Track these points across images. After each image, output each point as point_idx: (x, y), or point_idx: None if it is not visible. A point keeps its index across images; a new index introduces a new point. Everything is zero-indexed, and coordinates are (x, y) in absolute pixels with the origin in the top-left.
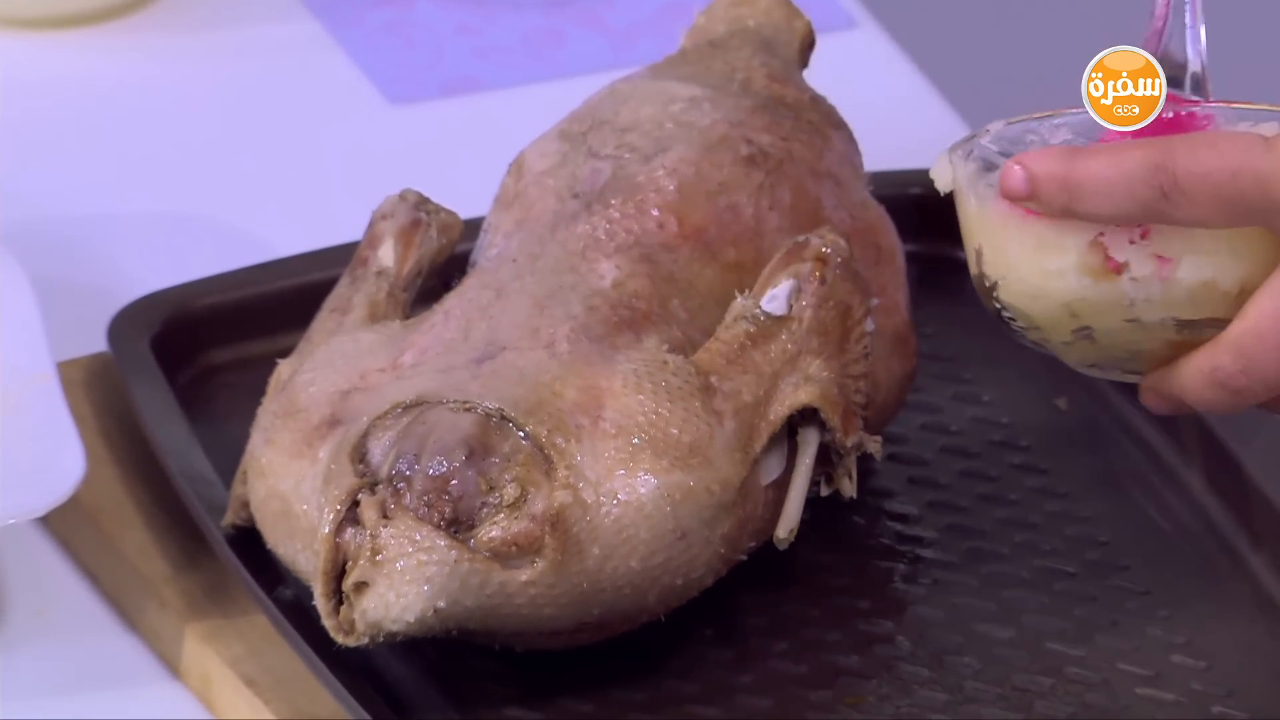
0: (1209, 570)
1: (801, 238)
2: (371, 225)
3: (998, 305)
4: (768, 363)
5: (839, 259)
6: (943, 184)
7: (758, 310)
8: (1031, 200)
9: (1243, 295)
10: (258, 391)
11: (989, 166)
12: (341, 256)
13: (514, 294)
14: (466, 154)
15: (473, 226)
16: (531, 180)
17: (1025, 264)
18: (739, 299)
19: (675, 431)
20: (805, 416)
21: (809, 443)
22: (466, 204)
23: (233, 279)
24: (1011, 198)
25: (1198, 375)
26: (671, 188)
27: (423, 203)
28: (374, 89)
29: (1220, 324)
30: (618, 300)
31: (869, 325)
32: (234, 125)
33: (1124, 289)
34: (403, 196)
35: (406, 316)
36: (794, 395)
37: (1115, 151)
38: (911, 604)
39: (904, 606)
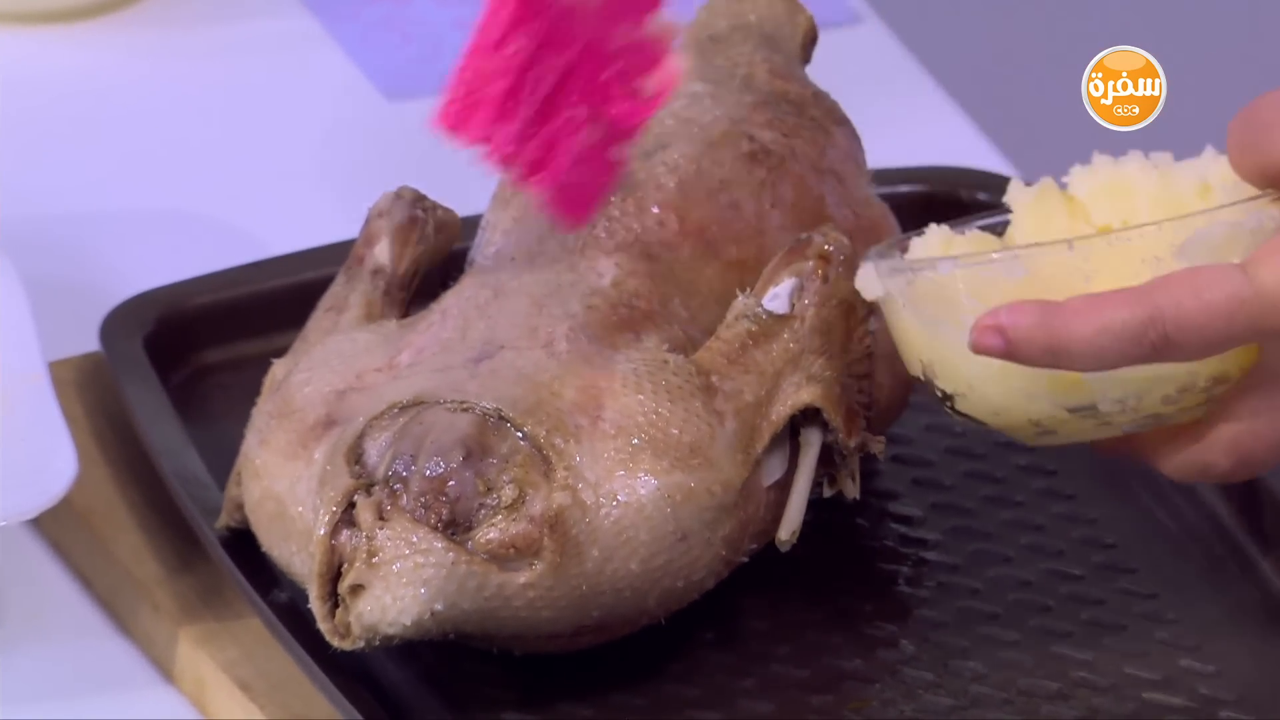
0: (1218, 573)
1: (804, 235)
2: (368, 223)
3: (950, 410)
4: (769, 362)
5: (842, 256)
6: (870, 294)
7: (759, 309)
8: (1009, 359)
9: (1216, 385)
10: (252, 392)
11: (919, 277)
12: (337, 255)
13: (512, 293)
14: (464, 151)
15: (470, 224)
16: None
17: (989, 385)
18: (740, 297)
19: (676, 432)
20: (808, 417)
21: (811, 443)
22: (464, 201)
23: (227, 277)
24: (986, 354)
25: (1185, 466)
26: (672, 185)
27: (420, 200)
28: (370, 85)
29: (1191, 409)
30: (617, 299)
31: (872, 324)
32: (228, 122)
33: (1099, 408)
34: (399, 194)
35: (403, 316)
36: (796, 395)
37: (1097, 310)
38: (916, 607)
39: (908, 609)
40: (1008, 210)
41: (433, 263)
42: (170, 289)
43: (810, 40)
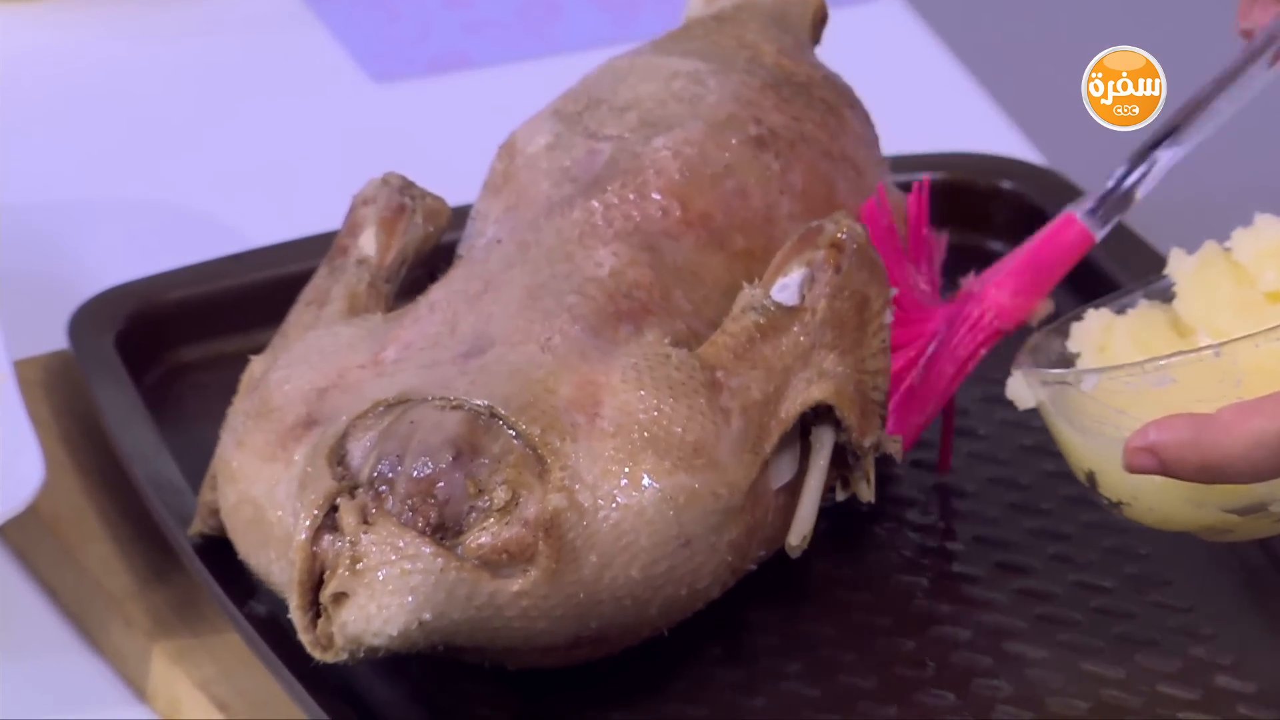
0: (1256, 586)
1: (815, 223)
2: (352, 211)
3: (1119, 515)
4: (778, 357)
5: (855, 245)
6: (1023, 403)
7: (767, 301)
8: (1165, 476)
9: None
10: (229, 391)
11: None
12: (319, 246)
13: (504, 285)
14: (454, 135)
15: (461, 213)
16: (523, 163)
17: (1152, 496)
18: (747, 289)
19: (678, 430)
20: (819, 415)
21: (823, 443)
22: (454, 189)
23: (203, 271)
24: (1140, 473)
25: None
26: (674, 170)
27: (407, 187)
28: (356, 66)
29: None
30: (616, 290)
31: (888, 317)
32: (205, 106)
33: (1270, 509)
34: (386, 180)
35: (389, 309)
36: (807, 392)
37: (1248, 421)
38: (936, 622)
39: (928, 624)
40: (1168, 279)
41: (420, 253)
42: (143, 283)
43: (821, 20)
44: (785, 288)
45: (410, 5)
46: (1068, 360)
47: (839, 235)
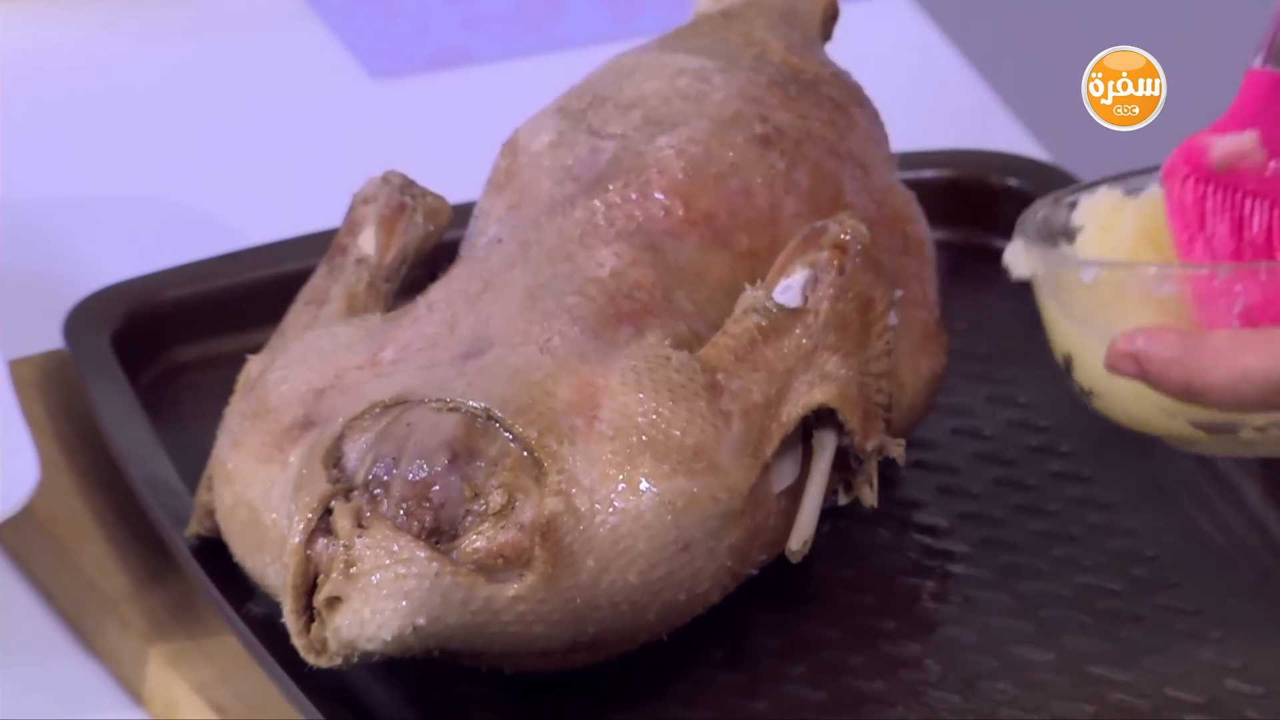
0: (1266, 588)
1: (819, 224)
2: (351, 210)
3: (1086, 403)
4: (780, 359)
5: (859, 246)
6: (1017, 271)
7: (770, 302)
8: (1145, 384)
9: None
10: (226, 391)
11: (1065, 273)
12: (318, 244)
13: (505, 285)
14: (455, 133)
15: (462, 212)
16: (526, 161)
17: (1126, 394)
18: (749, 290)
19: (678, 433)
20: (821, 418)
21: (825, 446)
22: (455, 187)
23: (200, 269)
24: (1121, 375)
25: None
26: (678, 169)
27: (408, 186)
28: (355, 62)
29: None
30: (617, 291)
31: (892, 319)
32: (202, 103)
33: (1240, 434)
34: (386, 179)
35: (388, 309)
36: (809, 395)
37: (1240, 354)
38: (941, 624)
39: (933, 627)
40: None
41: (421, 252)
42: (140, 282)
43: (831, 16)
44: (788, 289)
45: (410, 1)
46: (1070, 234)
47: (843, 236)
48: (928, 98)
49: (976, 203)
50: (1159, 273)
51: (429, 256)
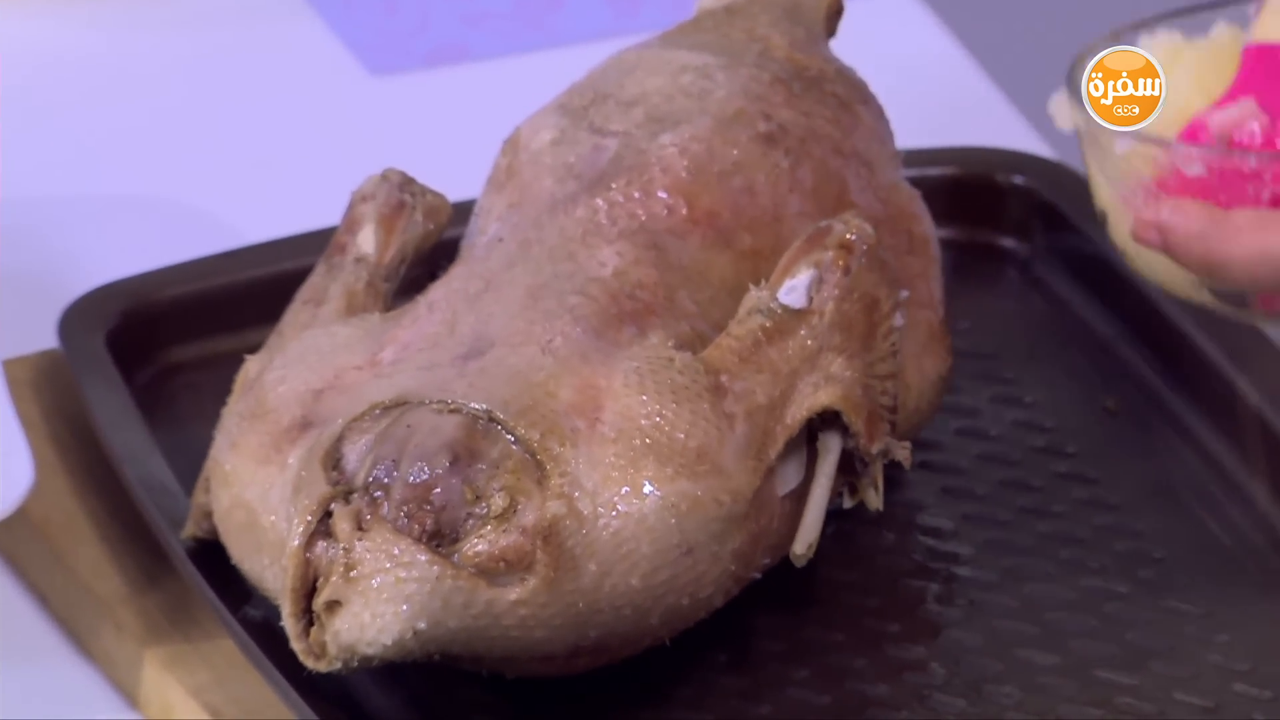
0: (1274, 590)
1: (824, 223)
2: (350, 208)
3: (1123, 258)
4: (785, 361)
5: (864, 246)
6: (1062, 123)
7: (774, 303)
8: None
9: None
10: (223, 392)
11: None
12: (317, 243)
13: (505, 284)
14: (455, 130)
15: (462, 210)
16: (527, 159)
17: (1155, 260)
18: (754, 290)
19: (681, 436)
20: (826, 420)
21: (830, 449)
22: (455, 185)
23: (197, 268)
24: (1144, 245)
25: None
26: (681, 167)
27: (407, 184)
28: (353, 58)
29: None
30: (619, 291)
31: (898, 320)
32: (198, 100)
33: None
34: (385, 177)
35: (387, 309)
36: (814, 397)
37: (1263, 234)
38: (946, 627)
39: (938, 630)
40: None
41: (420, 251)
42: (135, 280)
43: (835, 12)
44: (792, 289)
45: None
46: None
47: (848, 236)
48: (932, 94)
49: (982, 201)
50: (1190, 152)
51: (429, 255)
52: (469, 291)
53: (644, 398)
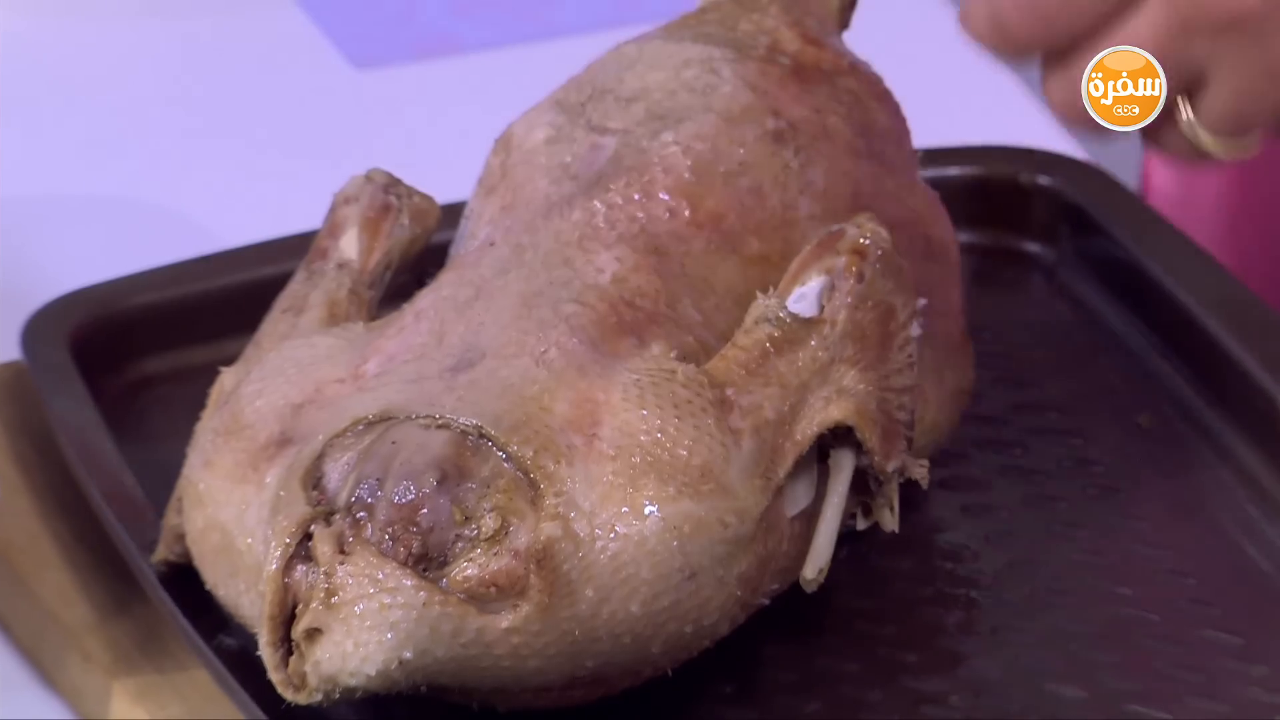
0: None
1: (836, 227)
2: (332, 211)
3: None
4: (794, 373)
5: (879, 252)
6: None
7: (783, 311)
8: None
9: None
10: (197, 406)
11: None
12: (297, 247)
13: (497, 292)
14: (444, 127)
15: (451, 213)
16: (520, 159)
17: None
18: (761, 298)
19: (684, 453)
20: (838, 437)
21: (842, 467)
22: (444, 186)
23: (169, 274)
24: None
25: None
26: (684, 167)
27: (393, 185)
28: (336, 51)
29: None
30: (618, 299)
31: (915, 329)
32: (173, 96)
33: None
34: (369, 177)
35: (372, 318)
36: (825, 411)
37: None
38: (967, 658)
39: (958, 661)
40: None
41: (407, 257)
42: (103, 287)
43: (849, 3)
44: (802, 297)
45: None
46: None
47: (862, 240)
48: (953, 90)
49: (1006, 203)
50: None
51: (416, 261)
52: (458, 299)
53: (644, 412)
